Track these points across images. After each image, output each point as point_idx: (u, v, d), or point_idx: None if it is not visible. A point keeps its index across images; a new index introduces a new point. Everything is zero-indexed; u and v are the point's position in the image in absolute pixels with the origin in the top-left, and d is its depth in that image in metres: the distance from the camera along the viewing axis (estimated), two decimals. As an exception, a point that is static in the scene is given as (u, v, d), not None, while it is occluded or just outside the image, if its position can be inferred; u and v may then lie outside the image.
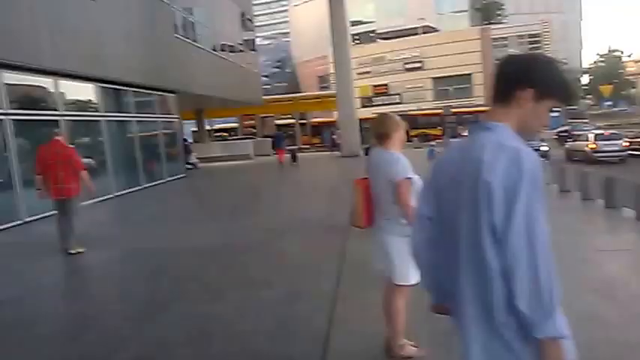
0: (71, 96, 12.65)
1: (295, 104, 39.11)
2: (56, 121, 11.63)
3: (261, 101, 31.53)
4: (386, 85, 49.03)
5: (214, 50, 22.90)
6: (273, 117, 42.30)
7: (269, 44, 69.81)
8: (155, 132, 17.87)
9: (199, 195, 15.06)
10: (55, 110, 11.80)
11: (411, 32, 51.82)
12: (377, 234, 3.43)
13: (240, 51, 27.54)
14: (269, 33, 73.25)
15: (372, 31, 57.42)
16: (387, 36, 54.50)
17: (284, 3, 72.89)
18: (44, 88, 11.69)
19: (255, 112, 38.29)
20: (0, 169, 10.06)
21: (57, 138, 7.48)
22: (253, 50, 31.05)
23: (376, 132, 3.46)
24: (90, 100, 13.67)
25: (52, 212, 10.13)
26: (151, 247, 7.67)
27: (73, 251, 7.24)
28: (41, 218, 10.36)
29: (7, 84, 10.17)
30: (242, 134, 40.41)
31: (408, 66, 48.66)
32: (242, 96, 27.28)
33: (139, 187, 15.54)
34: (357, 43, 49.85)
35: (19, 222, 10.13)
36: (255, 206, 11.35)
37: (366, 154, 15.43)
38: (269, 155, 29.03)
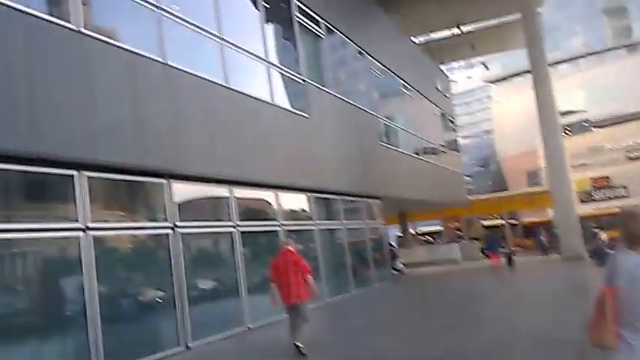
0: (288, 207, 13.59)
1: (503, 203, 37.09)
2: (276, 231, 12.52)
3: (466, 202, 30.62)
4: (607, 177, 44.07)
5: (417, 154, 23.21)
6: (480, 218, 40.57)
7: (471, 143, 69.24)
8: (362, 238, 18.19)
9: (408, 302, 14.54)
10: (275, 221, 12.74)
11: (632, 117, 46.78)
12: (627, 357, 2.72)
13: (443, 152, 27.55)
14: (471, 132, 72.91)
15: (585, 120, 53.31)
16: (603, 124, 49.96)
17: (485, 100, 72.61)
18: (265, 200, 12.78)
19: (460, 214, 37.19)
20: (228, 277, 10.96)
21: (288, 247, 8.21)
22: (456, 150, 30.86)
23: (631, 232, 2.79)
24: (304, 210, 14.54)
25: (273, 319, 10.67)
26: (365, 358, 7.40)
27: (299, 344, 7.56)
28: (264, 325, 10.89)
29: (236, 198, 11.31)
30: (447, 237, 39.36)
31: (631, 154, 43.42)
32: (446, 198, 26.85)
33: (349, 294, 15.66)
34: (569, 134, 46.49)
35: (243, 328, 10.72)
36: (469, 316, 10.43)
37: (591, 257, 13.46)
38: (478, 259, 27.45)
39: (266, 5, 12.88)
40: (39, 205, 7.70)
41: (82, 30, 7.66)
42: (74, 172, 7.64)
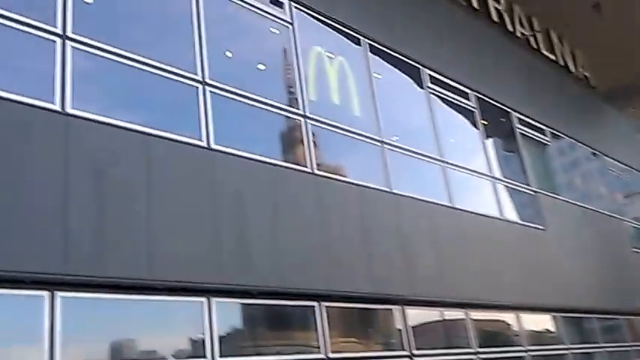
0: (532, 329, 12.28)
1: None
2: (522, 357, 11.32)
3: None
4: None
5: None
6: None
7: None
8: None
9: None
10: (519, 345, 11.55)
11: None
12: None
13: None
14: None
15: None
16: None
17: None
18: (505, 322, 11.75)
19: None
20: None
21: None
22: None
23: None
24: (550, 331, 13.00)
25: None
26: None
27: None
28: None
29: (473, 321, 10.61)
30: None
31: None
32: None
33: None
34: None
35: None
36: None
37: None
38: None
39: (485, 123, 12.87)
40: (283, 335, 8.18)
41: (316, 172, 8.49)
42: (314, 304, 8.05)
